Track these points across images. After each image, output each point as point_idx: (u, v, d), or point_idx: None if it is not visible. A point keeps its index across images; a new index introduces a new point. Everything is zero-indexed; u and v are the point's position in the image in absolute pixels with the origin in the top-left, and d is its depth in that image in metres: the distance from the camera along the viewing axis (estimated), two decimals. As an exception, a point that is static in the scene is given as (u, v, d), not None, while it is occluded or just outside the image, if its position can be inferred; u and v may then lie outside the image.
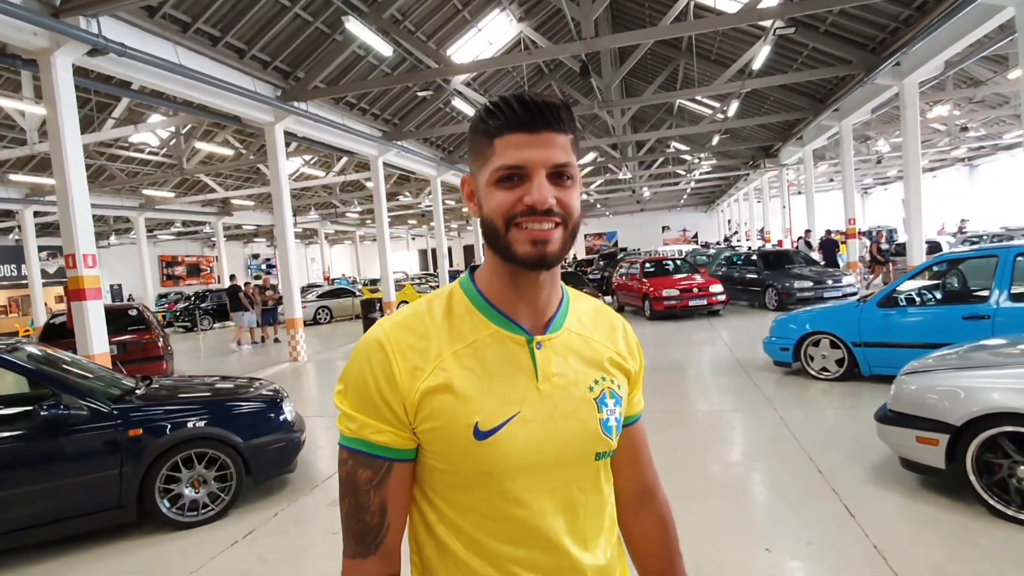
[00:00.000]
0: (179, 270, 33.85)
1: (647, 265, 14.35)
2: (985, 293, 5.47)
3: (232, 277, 15.57)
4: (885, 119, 18.01)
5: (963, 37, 9.18)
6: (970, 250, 7.12)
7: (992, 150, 26.74)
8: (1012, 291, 5.21)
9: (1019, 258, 5.32)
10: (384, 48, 9.85)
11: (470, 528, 0.85)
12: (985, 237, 16.62)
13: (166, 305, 24.43)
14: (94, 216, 17.57)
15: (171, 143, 16.26)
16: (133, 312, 9.42)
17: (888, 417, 3.70)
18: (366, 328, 14.95)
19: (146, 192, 20.33)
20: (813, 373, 6.59)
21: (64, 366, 4.25)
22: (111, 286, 29.20)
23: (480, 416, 0.82)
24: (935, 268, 6.18)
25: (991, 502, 3.19)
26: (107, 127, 12.74)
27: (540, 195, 0.80)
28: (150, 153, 17.67)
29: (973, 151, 27.08)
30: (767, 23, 10.80)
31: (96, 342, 6.81)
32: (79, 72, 7.64)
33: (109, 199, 19.89)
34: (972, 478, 3.25)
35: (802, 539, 3.23)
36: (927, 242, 13.55)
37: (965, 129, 20.64)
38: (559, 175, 0.82)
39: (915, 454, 3.53)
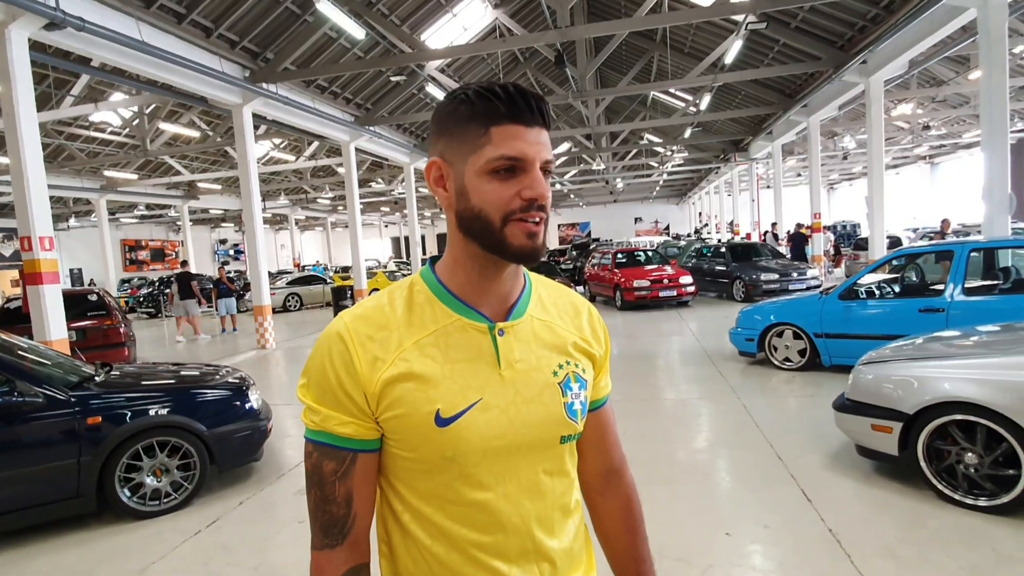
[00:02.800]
0: (143, 255, 32.83)
1: (619, 256, 14.50)
2: (941, 287, 5.68)
3: (184, 263, 14.78)
4: (851, 116, 18.42)
5: (927, 37, 9.44)
6: (927, 245, 7.36)
7: (952, 148, 27.58)
8: (965, 285, 5.42)
9: (973, 254, 5.54)
10: (356, 31, 9.68)
11: (434, 515, 0.85)
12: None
13: (129, 290, 23.77)
14: (53, 197, 16.90)
15: (134, 123, 15.70)
16: (93, 297, 9.14)
17: (846, 406, 3.83)
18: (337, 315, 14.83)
19: (107, 173, 19.62)
20: (776, 363, 6.76)
21: (19, 352, 4.10)
22: (71, 270, 28.30)
23: (442, 403, 0.83)
24: (894, 262, 6.38)
25: (940, 487, 3.34)
26: (66, 105, 12.25)
27: (542, 189, 0.81)
28: (112, 133, 17.03)
29: (934, 149, 27.90)
30: (739, 17, 10.94)
31: (54, 328, 6.61)
32: (35, 47, 7.33)
33: (68, 180, 19.17)
34: (923, 464, 3.39)
35: (761, 522, 3.32)
36: (888, 237, 13.93)
37: (927, 127, 21.24)
38: (543, 171, 0.83)
39: (870, 441, 3.67)
